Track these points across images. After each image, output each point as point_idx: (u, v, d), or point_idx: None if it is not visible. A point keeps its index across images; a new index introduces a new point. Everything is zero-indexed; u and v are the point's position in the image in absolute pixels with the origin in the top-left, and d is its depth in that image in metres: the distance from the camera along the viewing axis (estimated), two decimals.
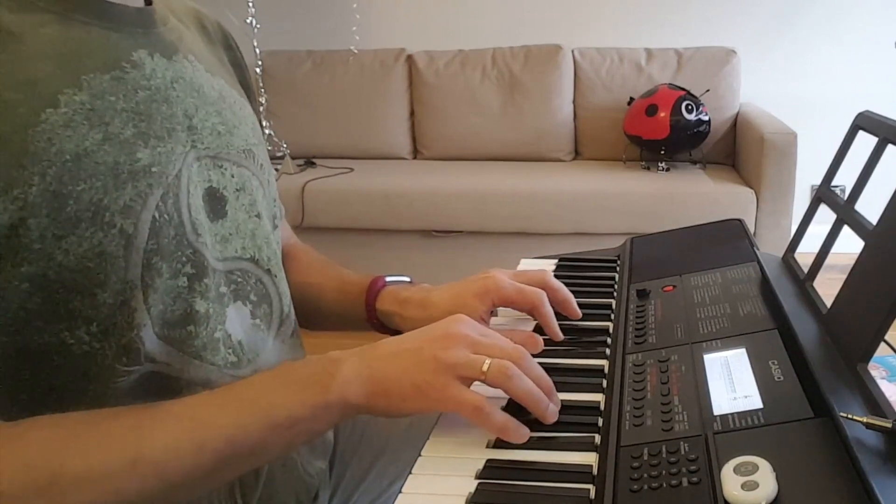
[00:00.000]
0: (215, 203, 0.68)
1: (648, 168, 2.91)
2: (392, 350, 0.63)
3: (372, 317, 0.86)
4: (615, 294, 0.89)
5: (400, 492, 0.56)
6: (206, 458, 0.55)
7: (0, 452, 0.51)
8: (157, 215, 0.60)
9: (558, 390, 0.65)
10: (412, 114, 3.28)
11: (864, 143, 0.73)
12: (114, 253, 0.58)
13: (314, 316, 0.90)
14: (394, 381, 0.61)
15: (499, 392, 0.63)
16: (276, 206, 0.80)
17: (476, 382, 0.62)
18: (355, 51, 3.28)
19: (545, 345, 0.77)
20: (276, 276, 0.76)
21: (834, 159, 0.78)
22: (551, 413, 0.63)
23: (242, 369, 0.69)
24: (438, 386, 0.60)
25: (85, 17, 0.61)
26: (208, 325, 0.66)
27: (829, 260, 0.73)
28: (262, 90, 3.21)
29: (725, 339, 0.69)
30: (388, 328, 0.86)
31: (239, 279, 0.70)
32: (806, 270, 0.76)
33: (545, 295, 0.80)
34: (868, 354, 0.57)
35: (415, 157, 3.32)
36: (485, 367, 0.61)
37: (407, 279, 0.88)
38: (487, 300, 0.80)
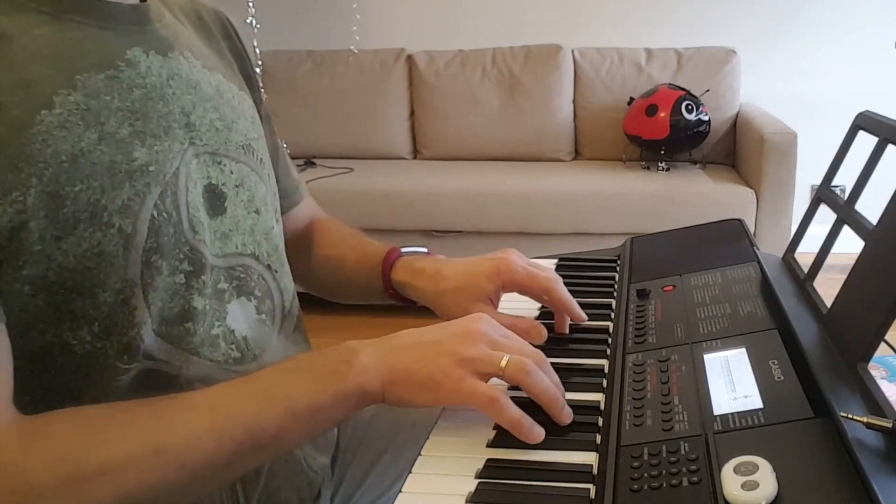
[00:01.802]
0: (214, 199, 0.68)
1: (648, 168, 2.91)
2: (410, 341, 0.63)
3: (388, 287, 0.86)
4: (615, 294, 0.89)
5: (400, 491, 0.56)
6: (226, 447, 0.56)
7: (26, 446, 0.51)
8: (155, 214, 0.61)
9: None
10: (412, 114, 3.28)
11: (864, 143, 0.73)
12: (113, 252, 0.58)
13: (338, 287, 0.91)
14: (411, 371, 0.61)
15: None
16: (276, 199, 0.80)
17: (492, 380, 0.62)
18: (355, 51, 3.28)
19: (547, 343, 0.77)
20: (276, 272, 0.76)
21: (834, 159, 0.78)
22: (566, 414, 0.62)
23: (246, 365, 0.69)
24: (454, 377, 0.60)
25: (79, 17, 0.61)
26: (206, 321, 0.66)
27: (829, 260, 0.73)
28: (262, 90, 3.21)
29: (725, 339, 0.69)
30: (404, 298, 0.87)
31: (242, 275, 0.71)
32: (806, 270, 0.76)
33: (559, 280, 0.80)
34: (868, 354, 0.57)
35: (415, 157, 3.32)
36: (503, 363, 0.61)
37: (423, 249, 0.89)
38: (497, 281, 0.80)
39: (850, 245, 0.71)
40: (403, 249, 0.88)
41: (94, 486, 0.51)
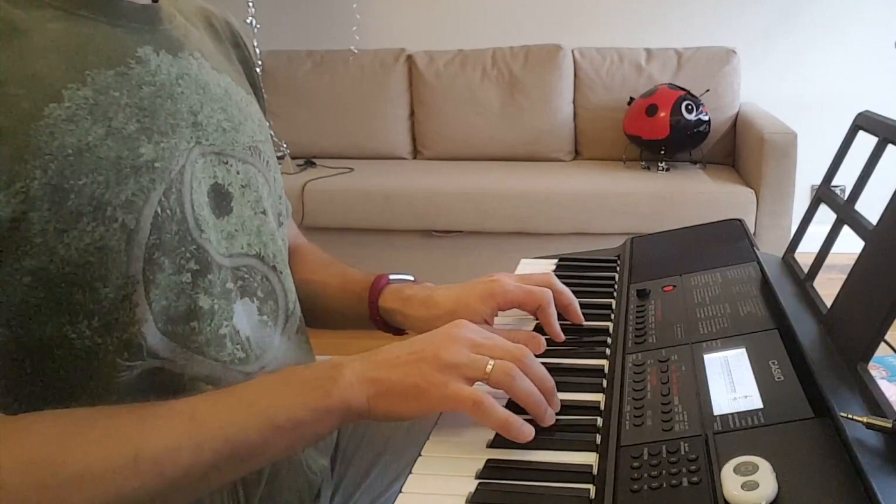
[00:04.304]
0: (221, 199, 0.69)
1: (648, 168, 2.91)
2: (394, 354, 0.63)
3: (374, 314, 0.86)
4: (615, 294, 0.89)
5: (400, 491, 0.56)
6: (205, 457, 0.55)
7: (3, 445, 0.50)
8: (159, 210, 0.61)
9: (558, 390, 0.65)
10: (412, 114, 3.28)
11: (864, 143, 0.73)
12: (115, 247, 0.58)
13: (318, 313, 0.90)
14: (395, 381, 0.60)
15: (498, 394, 0.63)
16: (281, 202, 0.81)
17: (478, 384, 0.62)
18: (355, 51, 3.28)
19: (547, 344, 0.77)
20: (281, 273, 0.76)
21: (834, 159, 0.78)
22: (549, 417, 0.63)
23: (250, 365, 0.69)
24: (438, 383, 0.60)
25: (91, 13, 0.62)
26: (213, 321, 0.66)
27: (829, 260, 0.73)
28: (262, 90, 3.21)
29: (725, 339, 0.69)
30: (391, 326, 0.86)
31: (245, 275, 0.71)
32: (806, 270, 0.76)
33: (552, 295, 0.80)
34: (868, 354, 0.57)
35: (415, 157, 3.32)
36: (488, 368, 0.61)
37: (410, 278, 0.88)
38: (492, 303, 0.79)
39: (850, 245, 0.71)
40: (391, 277, 0.87)
41: (71, 491, 0.51)
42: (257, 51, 3.12)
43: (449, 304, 0.80)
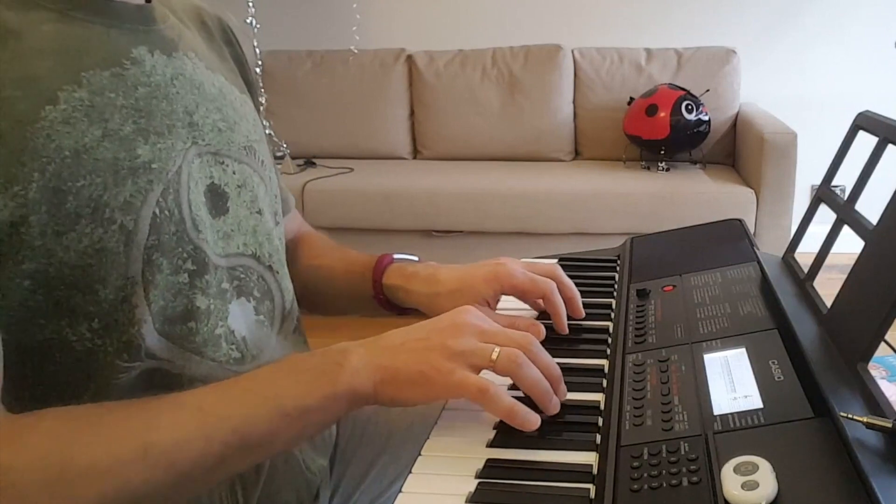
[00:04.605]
0: (217, 199, 0.69)
1: (648, 168, 2.91)
2: (400, 340, 0.63)
3: (378, 292, 0.86)
4: (615, 294, 0.89)
5: (400, 491, 0.56)
6: (215, 448, 0.55)
7: (10, 445, 0.50)
8: (157, 211, 0.61)
9: None
10: (412, 114, 3.28)
11: (864, 143, 0.73)
12: (114, 249, 0.58)
13: (325, 299, 0.90)
14: (401, 368, 0.60)
15: (505, 382, 0.63)
16: (277, 201, 0.81)
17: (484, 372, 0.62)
18: (355, 51, 3.28)
19: (546, 344, 0.77)
20: (277, 273, 0.76)
21: (834, 159, 0.78)
22: (554, 405, 0.63)
23: (246, 365, 0.69)
24: (444, 371, 0.60)
25: (85, 15, 0.62)
26: (209, 321, 0.66)
27: (829, 260, 0.73)
28: (262, 90, 3.21)
29: (725, 339, 0.69)
30: (394, 305, 0.86)
31: (241, 275, 0.71)
32: (806, 270, 0.76)
33: (556, 286, 0.80)
34: (868, 354, 0.57)
35: (415, 157, 3.32)
36: (494, 356, 0.61)
37: (415, 258, 0.88)
38: (497, 285, 0.80)
39: (850, 245, 0.71)
40: (395, 256, 0.87)
41: (80, 486, 0.51)
42: (257, 51, 3.12)
43: (452, 282, 0.80)
